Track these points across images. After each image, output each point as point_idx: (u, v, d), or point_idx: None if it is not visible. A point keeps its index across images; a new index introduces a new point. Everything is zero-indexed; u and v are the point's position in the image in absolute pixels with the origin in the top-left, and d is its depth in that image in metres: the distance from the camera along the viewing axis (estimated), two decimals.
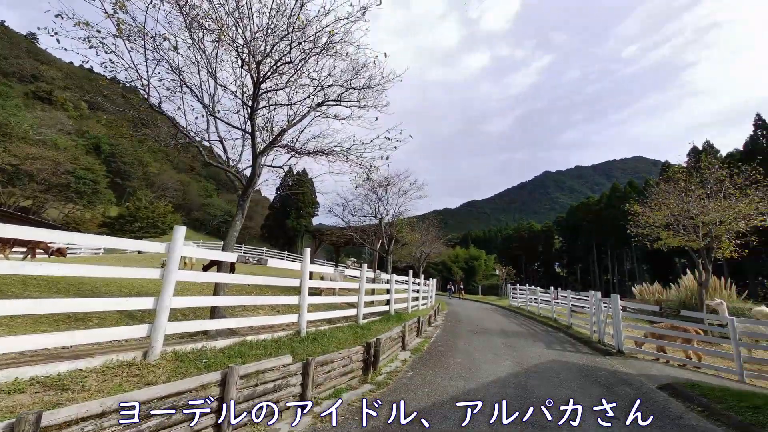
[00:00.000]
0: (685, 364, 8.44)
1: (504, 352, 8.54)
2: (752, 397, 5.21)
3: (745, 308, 13.42)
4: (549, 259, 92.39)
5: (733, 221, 10.88)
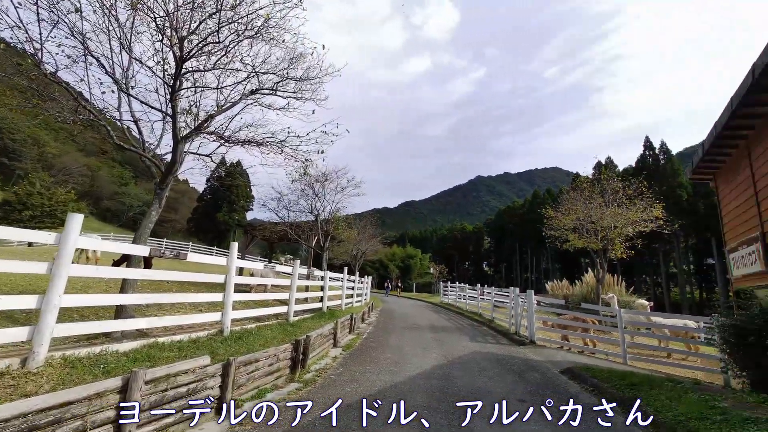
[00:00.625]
0: (583, 350, 9.64)
1: (432, 346, 8.94)
2: (631, 376, 6.12)
3: (631, 301, 15.75)
4: (479, 259, 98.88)
5: (624, 226, 12.76)
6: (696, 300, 50.46)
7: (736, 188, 7.20)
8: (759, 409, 4.44)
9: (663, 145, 52.66)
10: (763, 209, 6.14)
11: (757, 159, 6.21)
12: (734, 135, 6.67)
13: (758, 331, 5.17)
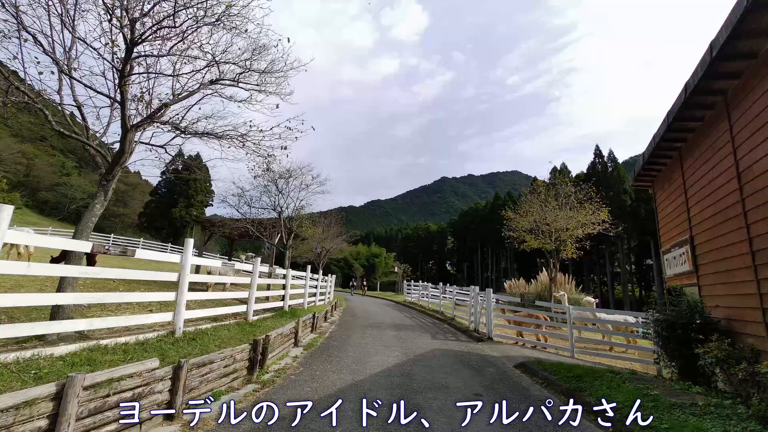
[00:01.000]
0: (536, 345, 10.18)
1: (394, 344, 9.03)
2: (576, 368, 6.55)
3: (580, 298, 16.85)
4: (442, 258, 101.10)
5: (575, 228, 13.63)
6: (636, 297, 54.82)
7: (670, 195, 7.92)
8: (683, 395, 4.92)
9: (611, 154, 56.70)
10: (692, 215, 6.80)
11: (688, 169, 6.87)
12: (670, 147, 7.32)
13: (685, 325, 5.73)
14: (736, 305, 5.34)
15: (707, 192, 6.07)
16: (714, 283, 6.03)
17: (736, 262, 5.27)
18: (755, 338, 4.87)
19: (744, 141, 4.99)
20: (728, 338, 5.24)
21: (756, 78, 4.74)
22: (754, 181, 4.77)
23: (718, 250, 5.80)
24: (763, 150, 4.59)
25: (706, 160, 6.12)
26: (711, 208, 5.97)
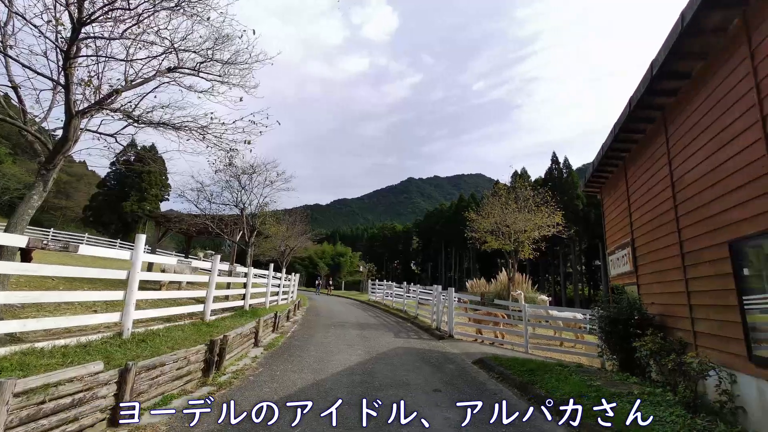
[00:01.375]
0: (494, 342, 10.60)
1: (357, 342, 9.04)
2: (530, 363, 6.91)
3: (535, 297, 17.77)
4: (407, 258, 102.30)
5: (532, 230, 14.38)
6: (586, 296, 58.57)
7: (615, 201, 8.56)
8: (622, 386, 5.35)
9: (566, 161, 60.19)
10: (633, 219, 7.39)
11: (631, 177, 7.47)
12: (616, 156, 7.92)
13: (625, 321, 6.23)
14: (669, 302, 5.88)
15: (646, 199, 6.63)
16: (651, 282, 6.60)
17: (669, 263, 5.81)
18: (683, 332, 5.40)
19: (677, 153, 5.51)
20: (661, 332, 5.77)
21: (689, 96, 5.25)
22: (685, 190, 5.29)
23: (655, 252, 6.36)
24: (692, 162, 5.09)
25: (646, 170, 6.69)
26: (649, 214, 6.53)
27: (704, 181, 4.80)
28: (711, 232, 4.64)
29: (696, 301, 5.03)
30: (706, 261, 4.77)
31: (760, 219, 3.77)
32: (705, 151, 4.77)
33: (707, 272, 4.74)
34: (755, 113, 3.82)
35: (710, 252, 4.66)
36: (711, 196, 4.65)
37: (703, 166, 4.82)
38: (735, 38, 4.22)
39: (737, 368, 4.17)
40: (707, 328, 4.78)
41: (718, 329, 4.55)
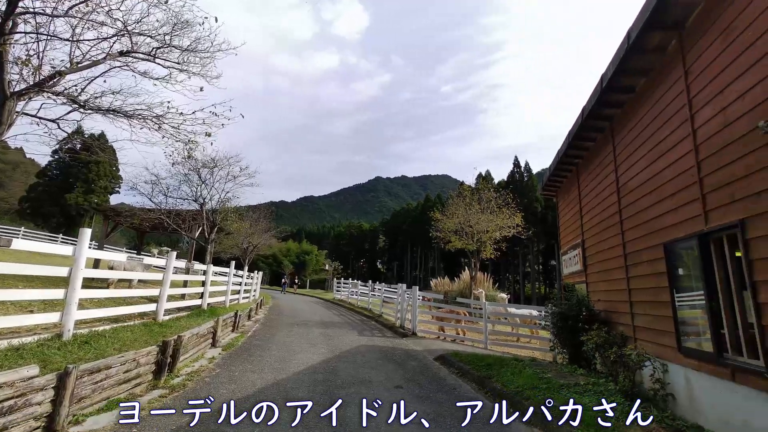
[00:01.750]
0: (455, 339, 10.92)
1: (320, 341, 8.96)
2: (488, 358, 7.20)
3: (495, 295, 18.50)
4: (374, 257, 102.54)
5: (494, 231, 14.97)
6: (542, 294, 61.70)
7: (569, 204, 9.11)
8: (570, 377, 5.71)
9: (527, 165, 63.05)
10: (584, 222, 7.91)
11: (583, 182, 7.98)
12: (570, 162, 8.43)
13: (574, 316, 6.66)
14: (613, 299, 6.35)
15: (596, 203, 7.12)
16: (597, 281, 7.10)
17: (614, 263, 6.27)
18: (624, 326, 5.86)
19: (623, 161, 5.96)
20: (606, 327, 6.22)
21: (633, 109, 5.70)
22: (628, 196, 5.74)
23: (602, 253, 6.84)
24: (634, 170, 5.54)
25: (596, 176, 7.18)
26: (597, 217, 7.01)
27: (644, 188, 5.24)
28: (649, 234, 5.07)
29: (636, 298, 5.48)
30: (644, 261, 5.21)
31: (689, 223, 4.17)
32: (645, 160, 5.20)
33: (645, 271, 5.18)
34: (687, 127, 4.22)
35: (648, 253, 5.09)
36: (649, 202, 5.08)
37: (644, 174, 5.25)
38: (672, 58, 4.63)
39: (669, 359, 4.59)
40: (644, 323, 5.22)
41: (653, 323, 4.99)
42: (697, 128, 4.08)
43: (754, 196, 3.22)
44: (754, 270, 3.20)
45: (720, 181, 3.68)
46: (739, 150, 3.42)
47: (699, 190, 3.98)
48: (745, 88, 3.34)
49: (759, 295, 3.14)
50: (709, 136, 3.86)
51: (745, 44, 3.36)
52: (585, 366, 6.49)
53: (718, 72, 3.74)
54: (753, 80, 3.25)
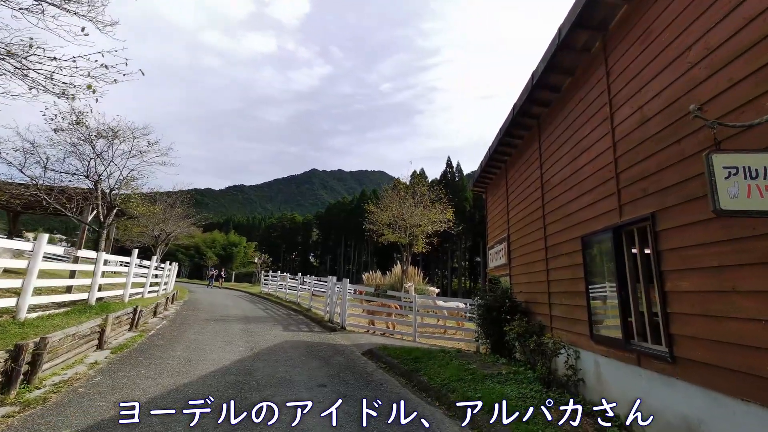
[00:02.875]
0: (385, 332, 10.78)
1: (239, 338, 8.12)
2: (416, 351, 7.11)
3: (426, 289, 18.95)
4: (306, 250, 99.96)
5: (426, 225, 15.23)
6: (467, 288, 65.79)
7: (497, 200, 9.47)
8: (494, 367, 5.82)
9: (458, 166, 66.48)
10: (510, 217, 8.24)
11: (510, 178, 8.31)
12: (499, 159, 8.72)
13: (498, 308, 6.86)
14: (533, 291, 6.66)
15: (522, 198, 7.42)
16: (520, 273, 7.42)
17: (536, 255, 6.56)
18: (543, 316, 6.15)
19: (547, 158, 6.23)
20: (526, 317, 6.50)
21: (559, 107, 5.96)
22: (551, 191, 6.01)
23: (525, 246, 7.15)
24: (558, 167, 5.80)
25: (522, 172, 7.48)
26: (523, 212, 7.31)
27: (566, 184, 5.49)
28: (569, 228, 5.32)
29: (554, 289, 5.75)
30: (564, 254, 5.47)
31: (605, 217, 4.40)
32: (568, 156, 5.45)
33: (564, 263, 5.44)
34: (607, 125, 4.44)
35: (568, 245, 5.35)
36: (571, 197, 5.33)
37: (566, 170, 5.51)
38: (596, 58, 4.86)
39: (581, 346, 4.85)
40: (561, 312, 5.49)
41: (569, 313, 5.25)
42: (615, 126, 4.29)
43: (665, 191, 3.42)
44: (662, 260, 3.40)
45: (634, 176, 3.89)
46: (653, 147, 3.61)
47: (615, 184, 4.20)
48: (661, 87, 3.53)
49: (666, 284, 3.35)
50: (626, 134, 4.07)
51: (662, 45, 3.55)
52: (506, 355, 6.72)
53: (637, 72, 3.94)
54: (669, 79, 3.43)
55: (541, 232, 6.28)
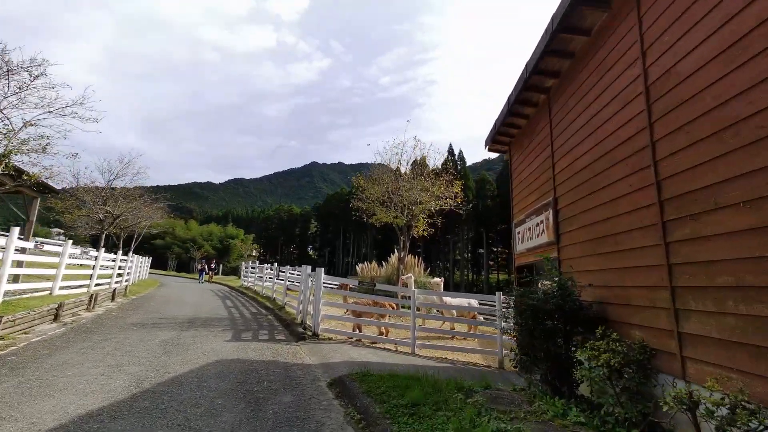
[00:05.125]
0: (376, 341, 7.99)
1: (145, 359, 5.33)
2: (414, 383, 4.29)
3: (428, 281, 16.16)
4: (305, 242, 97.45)
5: (429, 201, 12.34)
6: (469, 280, 63.20)
7: (531, 153, 6.58)
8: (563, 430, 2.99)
9: (460, 153, 63.42)
10: (559, 171, 5.37)
11: (559, 112, 5.41)
12: (540, 86, 5.81)
13: (552, 312, 4.02)
14: (619, 283, 3.82)
15: (587, 131, 4.53)
16: (583, 256, 4.57)
17: (625, 222, 3.71)
18: (648, 331, 3.31)
19: (653, 43, 3.33)
20: (602, 327, 3.68)
21: None
22: (669, 86, 3.12)
23: (595, 210, 4.28)
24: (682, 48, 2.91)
25: (588, 89, 4.57)
26: (590, 153, 4.44)
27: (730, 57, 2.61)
28: (747, 149, 2.45)
29: (693, 281, 2.90)
30: (728, 206, 2.61)
31: None
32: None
33: (734, 225, 2.57)
34: None
35: (741, 186, 2.48)
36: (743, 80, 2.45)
37: None
38: None
39: None
40: (720, 329, 2.64)
41: (747, 332, 2.41)
42: None
43: None
44: None
45: None
46: None
47: None
48: None
49: None
50: None
51: None
52: (562, 386, 3.93)
53: None
54: None
55: (646, 175, 3.42)
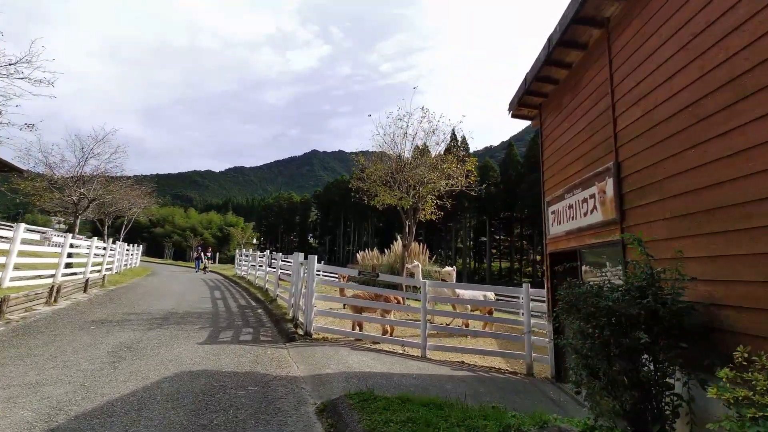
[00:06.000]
0: (380, 341, 6.80)
1: (90, 370, 4.14)
2: (440, 423, 3.09)
3: (432, 270, 14.96)
4: (305, 230, 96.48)
5: (438, 180, 11.02)
6: (471, 269, 62.24)
7: (574, 111, 5.23)
8: None
9: (464, 139, 61.64)
10: (621, 128, 4.04)
11: (626, 46, 4.04)
12: (595, 19, 4.42)
13: (639, 316, 2.75)
14: (748, 278, 2.53)
15: (684, 61, 3.18)
16: (671, 238, 3.28)
17: (764, 184, 2.41)
18: None
19: None
20: (706, 337, 2.44)
21: None
22: None
23: (707, 169, 2.97)
24: None
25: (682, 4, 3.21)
26: (689, 92, 3.10)
27: None
28: None
29: None
30: None
31: None
32: None
33: None
34: None
35: None
36: None
37: None
38: None
39: None
40: None
41: None
42: None
43: None
44: None
45: None
46: None
47: None
48: None
49: None
50: None
51: None
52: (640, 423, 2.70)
53: None
54: None
55: None
